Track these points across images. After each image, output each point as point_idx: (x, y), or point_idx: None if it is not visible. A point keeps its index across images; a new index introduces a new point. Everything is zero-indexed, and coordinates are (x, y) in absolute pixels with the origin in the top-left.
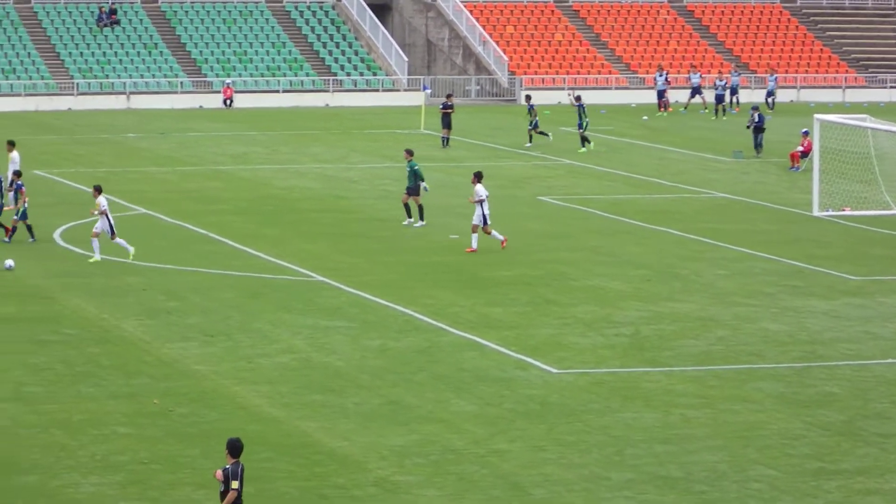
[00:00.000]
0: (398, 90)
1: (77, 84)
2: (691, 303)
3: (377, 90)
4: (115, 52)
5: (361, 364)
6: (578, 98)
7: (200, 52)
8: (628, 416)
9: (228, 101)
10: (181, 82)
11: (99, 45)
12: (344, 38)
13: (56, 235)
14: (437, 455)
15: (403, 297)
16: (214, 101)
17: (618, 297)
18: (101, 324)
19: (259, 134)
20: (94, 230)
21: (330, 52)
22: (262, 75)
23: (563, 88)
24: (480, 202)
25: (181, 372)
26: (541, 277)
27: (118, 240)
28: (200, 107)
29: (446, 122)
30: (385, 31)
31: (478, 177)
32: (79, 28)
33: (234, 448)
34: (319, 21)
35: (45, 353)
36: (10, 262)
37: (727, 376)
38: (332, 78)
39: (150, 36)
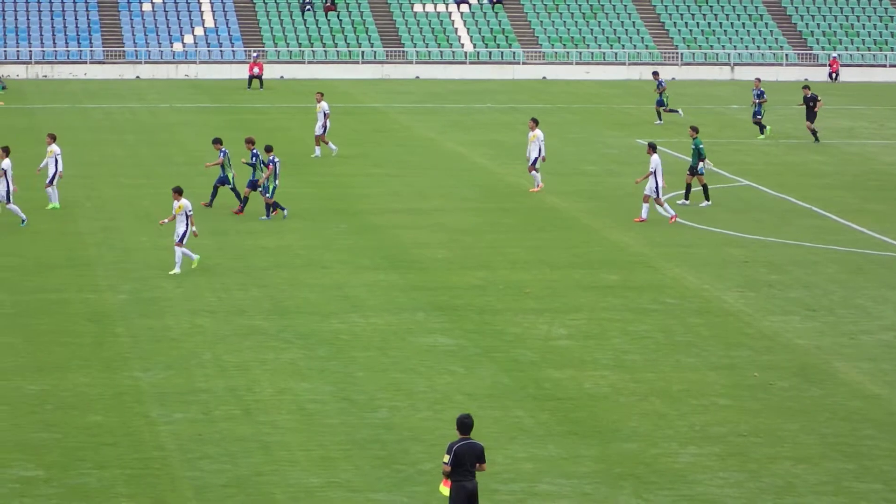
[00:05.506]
0: None
1: (681, 54)
2: None
3: None
4: (720, 23)
5: None
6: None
7: (806, 24)
8: None
9: (834, 75)
10: (786, 54)
11: (704, 15)
12: None
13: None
14: None
15: None
16: (820, 74)
17: None
18: (702, 294)
19: (866, 108)
20: (193, 230)
21: None
22: (869, 49)
23: None
24: (653, 173)
25: (782, 345)
26: None
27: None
28: (806, 79)
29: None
30: None
31: (652, 147)
32: None
33: (462, 425)
34: None
35: (646, 322)
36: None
37: None
38: None
39: (756, 7)
